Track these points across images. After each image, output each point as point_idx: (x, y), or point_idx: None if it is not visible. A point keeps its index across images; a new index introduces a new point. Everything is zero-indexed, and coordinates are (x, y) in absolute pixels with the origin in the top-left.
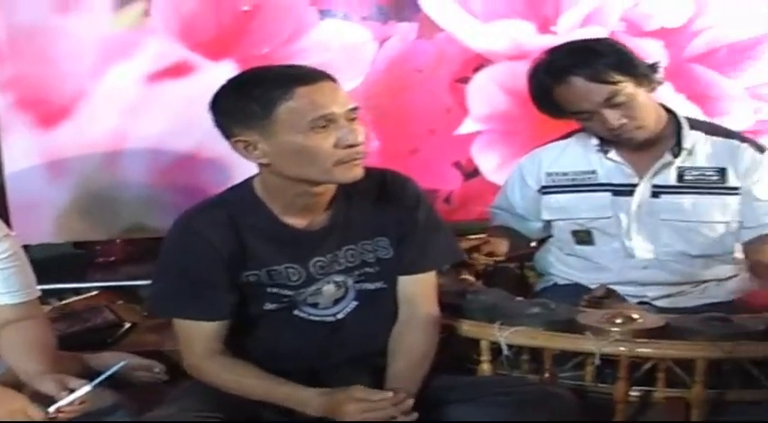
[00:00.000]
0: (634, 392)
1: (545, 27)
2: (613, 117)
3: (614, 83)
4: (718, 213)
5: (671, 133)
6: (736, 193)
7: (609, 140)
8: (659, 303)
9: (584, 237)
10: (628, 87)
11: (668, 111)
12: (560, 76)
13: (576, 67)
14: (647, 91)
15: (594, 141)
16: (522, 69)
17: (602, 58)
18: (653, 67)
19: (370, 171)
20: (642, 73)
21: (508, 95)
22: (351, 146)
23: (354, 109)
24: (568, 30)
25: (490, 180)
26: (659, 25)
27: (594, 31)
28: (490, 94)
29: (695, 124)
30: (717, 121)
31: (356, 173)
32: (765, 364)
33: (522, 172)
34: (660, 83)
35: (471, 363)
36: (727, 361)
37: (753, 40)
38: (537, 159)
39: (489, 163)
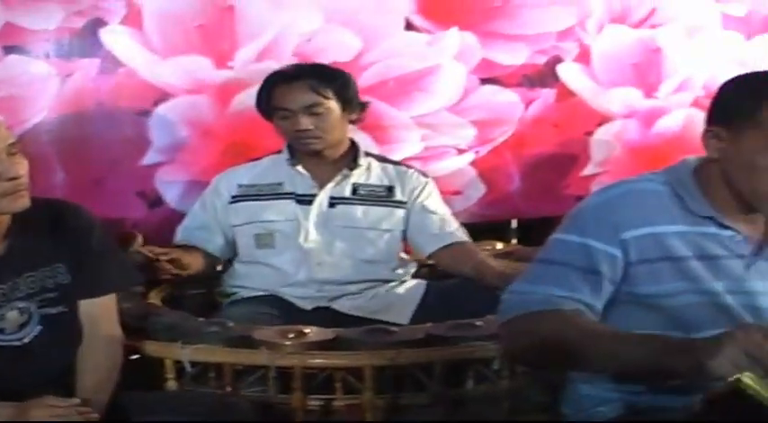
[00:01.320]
0: (316, 401)
1: (222, 62)
2: (305, 121)
3: (324, 97)
4: (385, 222)
5: (351, 157)
6: (403, 207)
7: (295, 155)
8: (336, 305)
9: (266, 240)
10: (332, 105)
11: (353, 142)
12: (290, 78)
13: (306, 75)
14: (344, 117)
15: (286, 156)
16: (201, 102)
17: (328, 77)
18: (362, 105)
19: (43, 201)
20: (350, 101)
21: (189, 127)
22: (13, 178)
23: (14, 144)
24: (245, 64)
25: (174, 208)
26: (331, 59)
27: (270, 66)
28: (171, 126)
29: (370, 154)
30: (387, 148)
31: (22, 203)
32: (428, 370)
33: (217, 184)
34: (359, 119)
35: (160, 381)
36: (393, 367)
37: (418, 72)
38: (232, 174)
39: (172, 192)
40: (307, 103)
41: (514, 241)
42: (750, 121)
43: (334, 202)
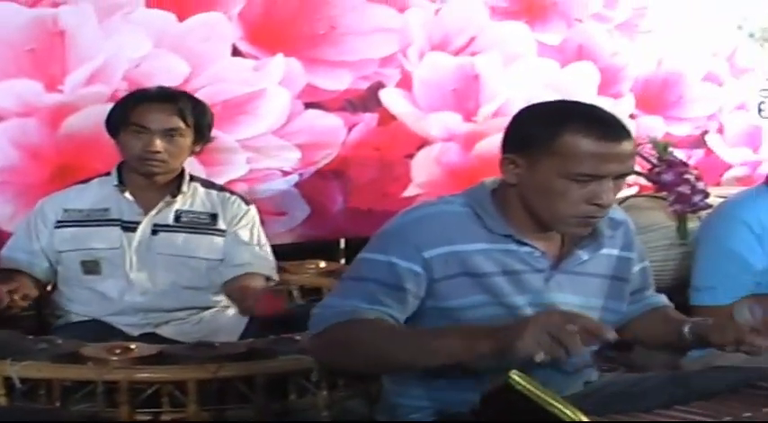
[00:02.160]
0: (143, 416)
1: (53, 86)
2: (159, 144)
3: (185, 124)
4: (205, 250)
5: (176, 183)
6: (223, 235)
7: (123, 179)
8: (163, 331)
9: (92, 267)
10: (188, 133)
11: (181, 168)
12: (158, 98)
13: (175, 99)
14: (192, 147)
15: (114, 180)
16: (31, 125)
17: (193, 106)
18: (210, 139)
19: None
20: (203, 134)
21: (18, 149)
22: None
23: None
24: (74, 88)
25: (4, 229)
26: (160, 83)
27: (100, 90)
28: (2, 149)
29: (196, 178)
30: (213, 170)
31: None
32: (251, 382)
33: (42, 208)
34: (200, 151)
35: None
36: (216, 381)
37: (244, 96)
38: (58, 197)
39: (3, 212)
40: (167, 126)
41: (343, 261)
42: (545, 150)
43: (156, 229)
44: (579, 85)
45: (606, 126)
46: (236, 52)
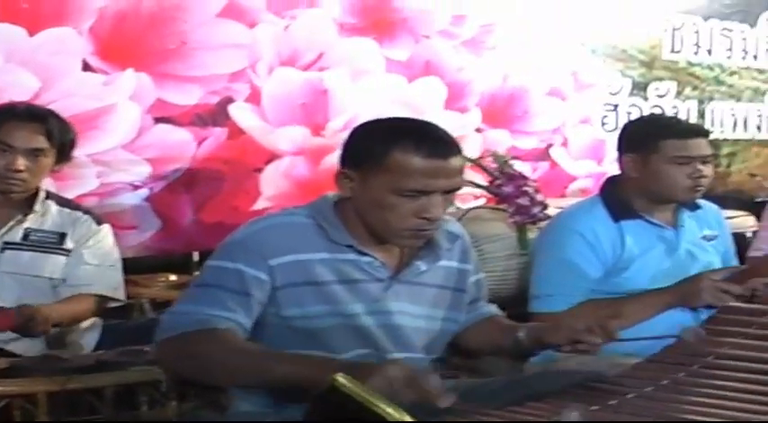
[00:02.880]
0: None
1: None
2: (22, 162)
3: (51, 145)
4: (49, 270)
5: (31, 201)
6: (68, 255)
7: None
8: (14, 348)
9: None
10: (51, 154)
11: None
12: (27, 116)
13: (44, 119)
14: (52, 167)
15: None
16: None
17: (61, 128)
18: (71, 158)
19: None
20: (64, 156)
21: None
22: None
23: None
24: None
25: None
26: (10, 98)
27: None
28: None
29: (52, 196)
30: (64, 184)
31: None
32: (100, 394)
33: None
34: (58, 169)
35: None
36: (66, 393)
37: (95, 111)
38: None
39: None
40: (33, 146)
41: (197, 273)
42: (377, 166)
43: (5, 247)
44: (426, 100)
45: (435, 143)
46: (86, 67)
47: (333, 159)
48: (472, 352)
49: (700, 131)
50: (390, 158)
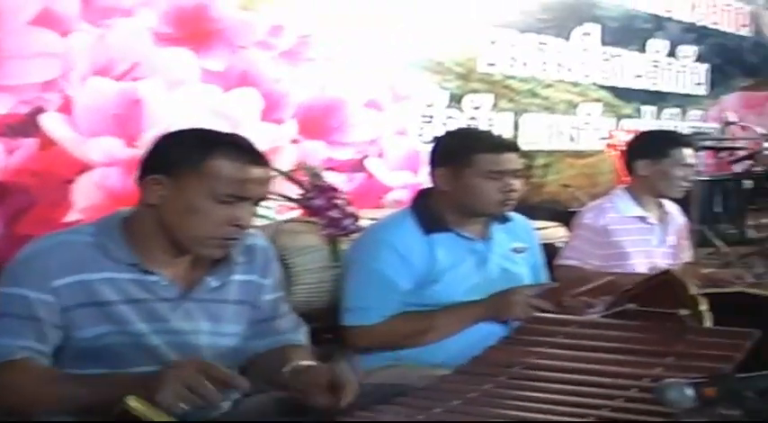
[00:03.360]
0: None
1: None
2: None
3: None
4: None
5: None
6: None
7: None
8: None
9: None
10: None
11: None
12: None
13: None
14: None
15: None
16: None
17: None
18: None
19: None
20: None
21: None
22: None
23: None
24: None
25: None
26: None
27: None
28: None
29: None
30: None
31: None
32: None
33: None
34: None
35: None
36: None
37: None
38: None
39: None
40: None
41: None
42: (194, 171)
43: None
44: (242, 111)
45: (250, 153)
46: None
47: None
48: (261, 380)
49: (511, 146)
50: (209, 163)
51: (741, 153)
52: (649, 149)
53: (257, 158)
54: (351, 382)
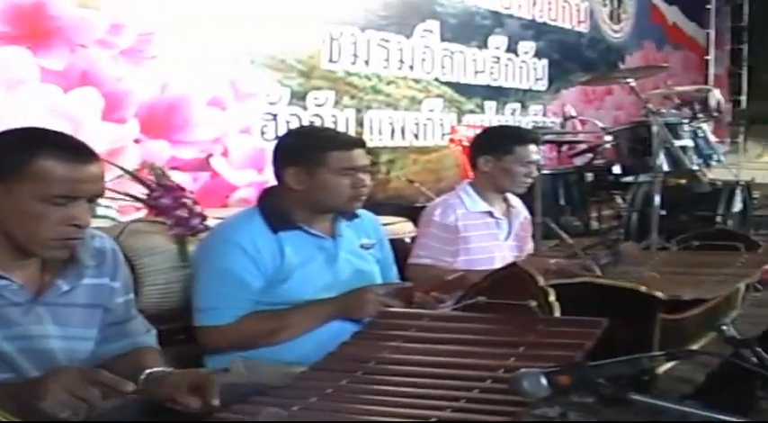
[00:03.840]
0: None
1: None
2: None
3: None
4: None
5: None
6: None
7: None
8: None
9: None
10: None
11: None
12: None
13: None
14: None
15: None
16: None
17: None
18: None
19: None
20: None
21: None
22: None
23: None
24: None
25: None
26: None
27: None
28: None
29: None
30: None
31: None
32: None
33: None
34: None
35: None
36: None
37: None
38: None
39: None
40: None
41: None
42: (19, 175)
43: None
44: (83, 111)
45: (77, 149)
46: None
47: None
48: None
49: (359, 142)
50: (34, 166)
51: (582, 147)
52: (493, 146)
53: (85, 155)
54: (211, 382)
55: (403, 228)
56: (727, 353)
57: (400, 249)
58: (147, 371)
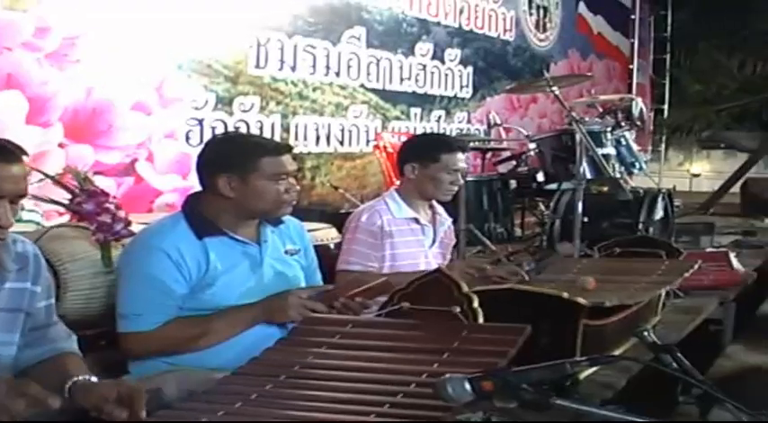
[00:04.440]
0: None
1: None
2: None
3: None
4: None
5: None
6: None
7: None
8: None
9: None
10: None
11: None
12: None
13: None
14: None
15: None
16: None
17: None
18: None
19: None
20: None
21: None
22: None
23: None
24: None
25: None
26: None
27: None
28: None
29: None
30: None
31: None
32: None
33: None
34: None
35: None
36: None
37: None
38: None
39: None
40: None
41: None
42: None
43: None
44: (7, 115)
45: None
46: None
47: None
48: None
49: (288, 147)
50: None
51: (506, 154)
52: (420, 154)
53: (7, 155)
54: (139, 394)
55: (327, 234)
56: (648, 358)
57: (325, 256)
58: (73, 379)
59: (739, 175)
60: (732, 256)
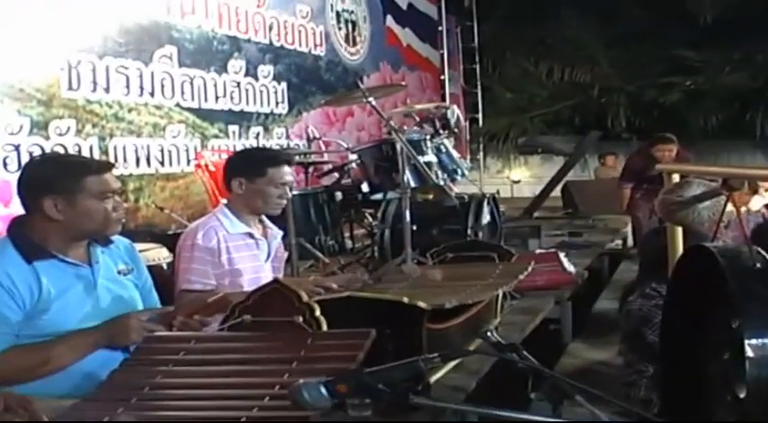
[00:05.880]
0: None
1: None
2: None
3: None
4: None
5: None
6: None
7: None
8: None
9: None
10: None
11: None
12: None
13: None
14: None
15: None
16: None
17: None
18: None
19: None
20: None
21: None
22: None
23: None
24: None
25: None
26: None
27: None
28: None
29: None
30: None
31: None
32: None
33: None
34: None
35: None
36: None
37: None
38: None
39: None
40: None
41: None
42: None
43: None
44: None
45: None
46: None
47: None
48: None
49: (110, 165)
50: None
51: (328, 167)
52: (246, 168)
53: None
54: (27, 401)
55: (159, 253)
56: (497, 355)
57: (159, 276)
58: None
59: (558, 179)
60: (562, 256)
